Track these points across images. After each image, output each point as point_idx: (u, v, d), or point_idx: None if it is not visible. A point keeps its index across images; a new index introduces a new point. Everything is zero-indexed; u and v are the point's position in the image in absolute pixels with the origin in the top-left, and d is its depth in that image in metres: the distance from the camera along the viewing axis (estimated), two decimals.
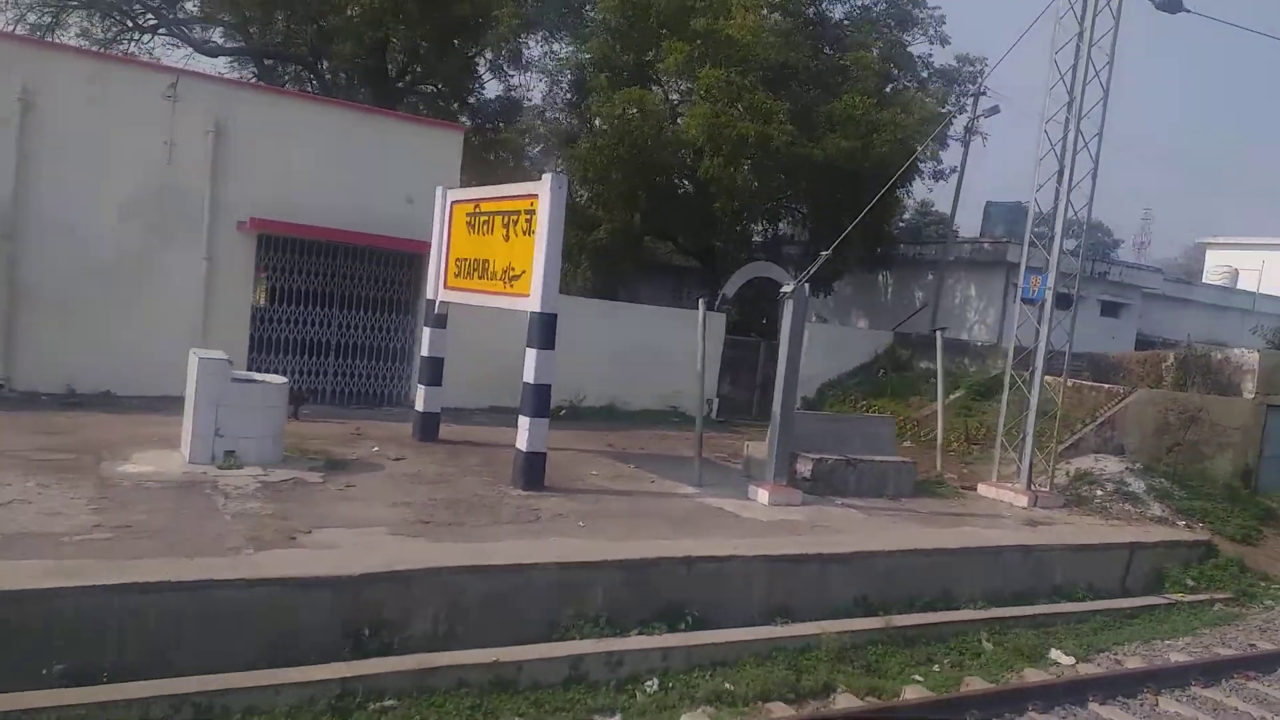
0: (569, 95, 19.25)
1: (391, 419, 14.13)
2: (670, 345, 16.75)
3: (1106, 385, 16.92)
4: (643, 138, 17.09)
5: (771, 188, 18.02)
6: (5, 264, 12.64)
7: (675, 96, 19.22)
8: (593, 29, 18.64)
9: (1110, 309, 27.21)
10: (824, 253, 11.89)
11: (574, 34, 19.16)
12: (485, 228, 11.55)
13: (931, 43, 21.03)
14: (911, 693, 7.43)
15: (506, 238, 11.06)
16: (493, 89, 23.29)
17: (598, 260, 19.74)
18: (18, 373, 12.79)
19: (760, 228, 22.56)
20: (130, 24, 23.96)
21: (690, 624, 8.29)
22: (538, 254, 10.30)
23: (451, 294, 12.47)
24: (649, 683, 7.34)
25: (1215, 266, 38.80)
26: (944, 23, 20.24)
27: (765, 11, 17.24)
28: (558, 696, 6.95)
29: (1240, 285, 36.39)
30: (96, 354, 13.14)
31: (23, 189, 12.60)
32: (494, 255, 11.33)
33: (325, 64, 22.51)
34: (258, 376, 10.48)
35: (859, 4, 20.90)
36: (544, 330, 10.31)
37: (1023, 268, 14.34)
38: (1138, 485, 14.24)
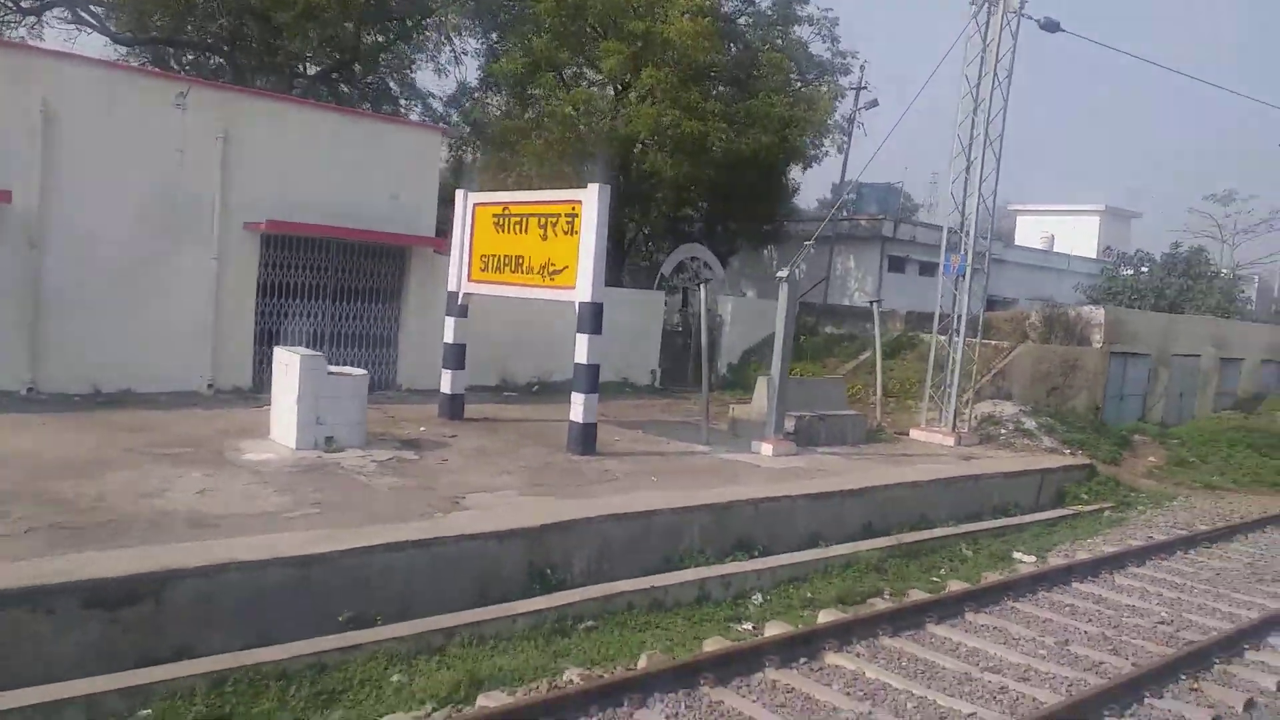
0: (520, 90, 20.56)
1: (402, 401, 15.38)
2: (617, 323, 18.58)
3: (994, 341, 20.09)
4: (591, 135, 18.75)
5: (702, 178, 20.10)
6: (31, 271, 13.00)
7: (612, 91, 20.82)
8: (532, 28, 19.99)
9: (973, 274, 31.04)
10: (807, 244, 14.08)
11: (516, 32, 20.40)
12: (518, 228, 13.04)
13: (824, 41, 23.61)
14: (955, 585, 9.77)
15: (545, 237, 12.61)
16: (427, 79, 24.14)
17: None
18: (45, 375, 13.20)
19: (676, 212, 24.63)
20: (11, 4, 23.18)
21: (760, 552, 10.37)
22: (584, 252, 11.97)
23: (476, 286, 13.88)
24: (755, 597, 9.35)
25: (1039, 234, 43.89)
26: (837, 24, 22.85)
27: (698, 16, 19.11)
28: (696, 611, 8.81)
29: (1056, 248, 41.72)
30: (116, 353, 13.69)
31: (46, 198, 12.95)
32: (529, 252, 12.85)
33: (238, 51, 22.63)
34: (343, 370, 11.63)
35: (759, 6, 23.21)
36: (593, 318, 12.02)
37: (943, 248, 17.07)
38: (1030, 423, 17.44)
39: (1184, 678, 7.42)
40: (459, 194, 14.15)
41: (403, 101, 25.94)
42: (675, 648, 7.61)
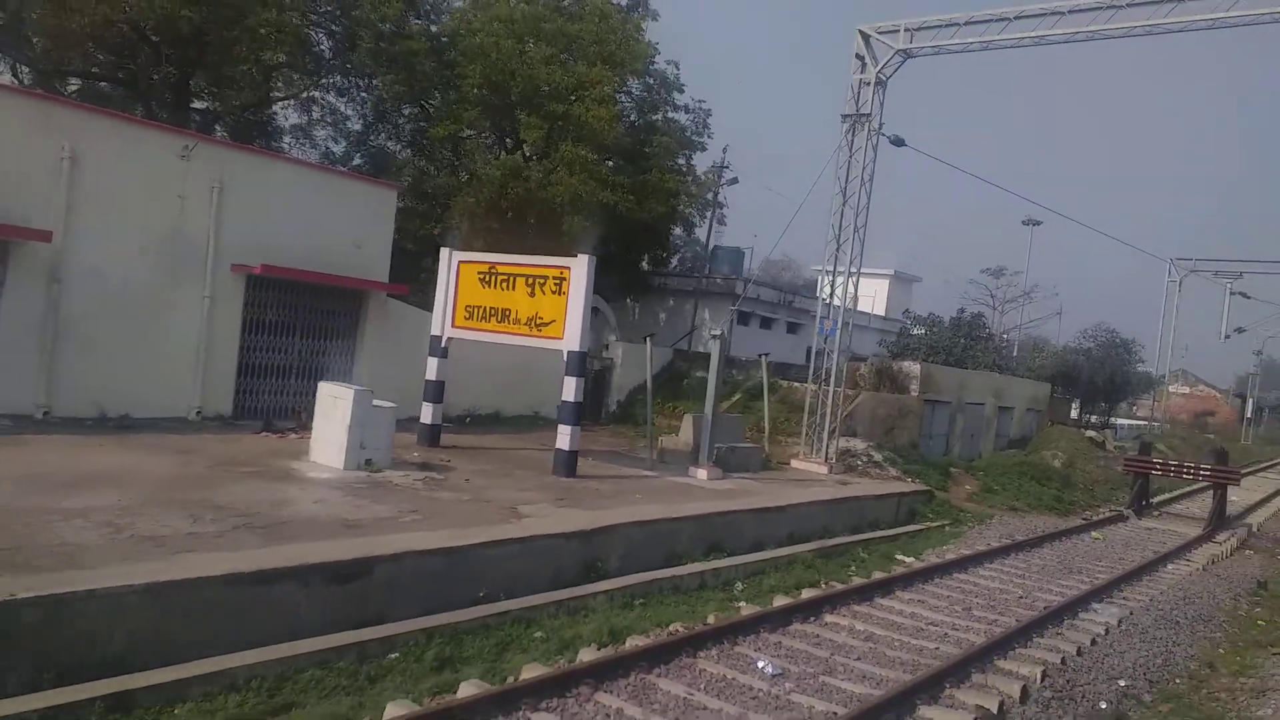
0: (449, 155, 22.48)
1: None
2: (533, 364, 20.95)
3: (843, 389, 24.04)
4: (518, 198, 21.13)
5: (610, 240, 22.91)
6: (51, 304, 13.91)
7: (534, 159, 23.29)
8: (459, 99, 22.20)
9: (792, 328, 35.60)
10: (733, 308, 17.18)
11: (445, 100, 22.47)
12: (505, 284, 15.34)
13: (695, 123, 27.16)
14: (844, 585, 12.90)
15: (532, 294, 15.01)
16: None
17: None
18: (59, 400, 14.07)
19: None
20: None
21: (727, 553, 13.21)
22: (572, 310, 14.49)
23: (460, 332, 15.98)
24: (737, 585, 12.16)
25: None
26: (710, 114, 26.46)
27: (607, 104, 22.01)
28: (698, 595, 11.50)
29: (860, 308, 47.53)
30: (119, 381, 14.71)
31: (68, 237, 13.94)
32: (517, 306, 15.19)
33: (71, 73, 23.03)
34: (381, 403, 13.46)
35: (647, 95, 26.47)
36: (579, 363, 14.54)
37: (818, 315, 20.74)
38: (879, 456, 21.37)
39: (1050, 626, 10.95)
40: (444, 251, 16.23)
41: (292, 143, 27.09)
42: (696, 617, 10.20)
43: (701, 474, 16.25)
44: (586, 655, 8.15)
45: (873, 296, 51.67)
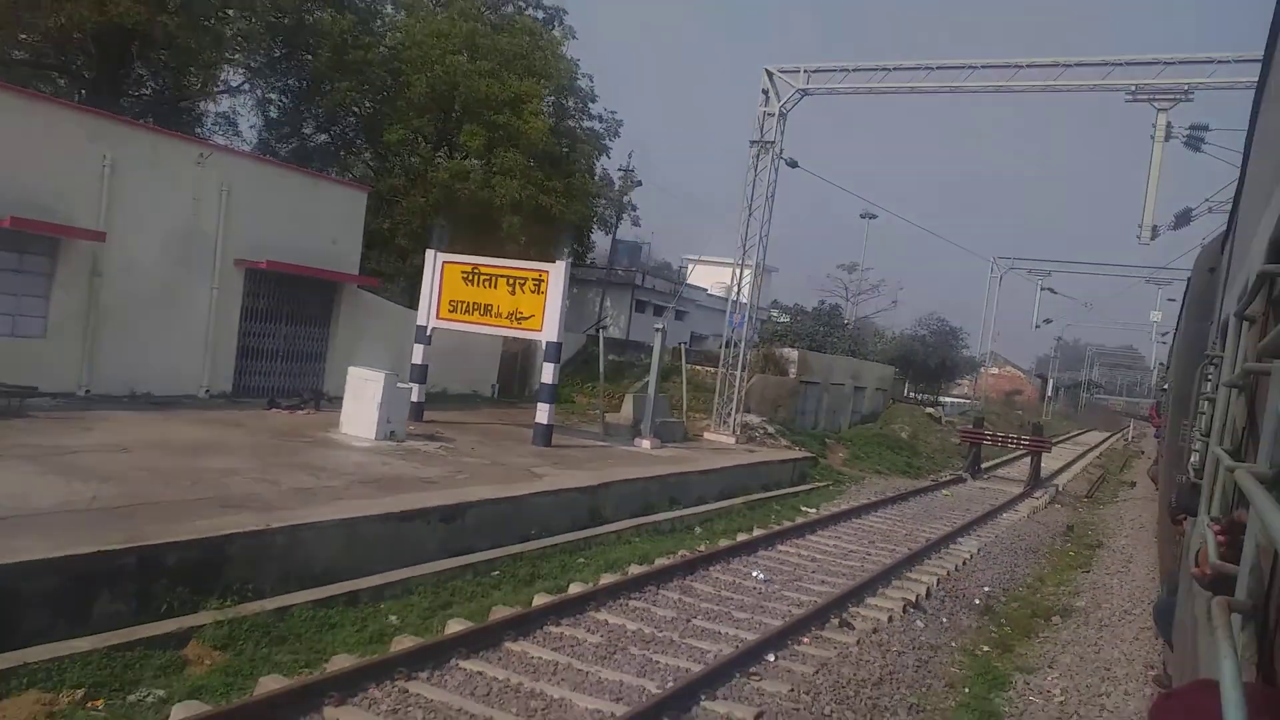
0: (404, 158, 24.37)
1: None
2: (472, 349, 23.47)
3: (739, 371, 27.65)
4: (464, 199, 23.41)
5: (544, 239, 25.51)
6: (92, 295, 15.49)
7: (476, 164, 25.49)
8: (407, 106, 24.24)
9: (680, 315, 39.11)
10: (669, 306, 20.28)
11: (392, 106, 24.41)
12: (487, 284, 17.87)
13: (608, 130, 30.04)
14: (777, 527, 16.44)
15: (513, 292, 17.63)
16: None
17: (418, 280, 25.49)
18: (97, 380, 15.65)
19: None
20: None
21: (682, 504, 16.39)
22: (550, 307, 17.23)
23: (444, 323, 18.38)
24: (696, 528, 15.38)
25: (713, 280, 53.60)
26: (622, 124, 29.42)
27: (541, 115, 24.54)
28: (671, 535, 14.63)
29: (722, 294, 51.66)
30: (145, 362, 16.39)
31: (108, 234, 15.55)
32: (498, 302, 17.76)
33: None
34: (403, 384, 15.77)
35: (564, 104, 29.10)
36: (556, 351, 17.31)
37: (729, 311, 24.14)
38: (772, 429, 25.09)
39: (933, 553, 14.73)
40: (429, 253, 18.56)
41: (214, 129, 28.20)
42: (683, 549, 13.32)
43: (645, 444, 19.36)
44: (637, 569, 11.15)
45: (722, 283, 55.89)
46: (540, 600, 9.36)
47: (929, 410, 41.17)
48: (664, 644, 8.59)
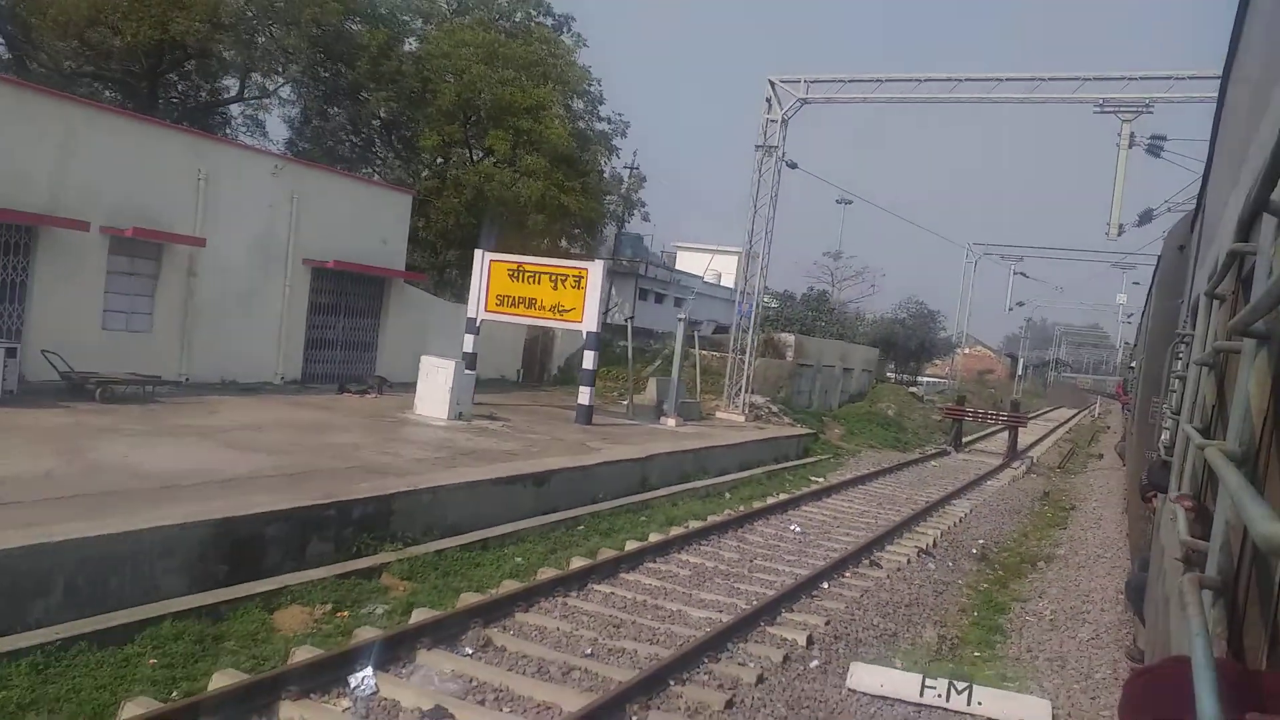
0: (438, 161, 26.16)
1: (398, 393, 21.15)
2: (502, 337, 25.35)
3: (748, 355, 29.79)
4: (494, 198, 25.30)
5: (566, 234, 27.46)
6: (188, 292, 17.32)
7: (504, 166, 27.34)
8: (438, 114, 26.05)
9: (678, 302, 41.20)
10: (692, 294, 22.33)
11: (424, 114, 26.21)
12: (531, 280, 19.82)
13: (615, 131, 31.97)
14: (796, 492, 18.66)
15: (555, 287, 19.59)
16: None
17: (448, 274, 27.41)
18: (193, 369, 17.50)
19: None
20: None
21: (710, 474, 18.51)
22: (589, 301, 19.22)
23: (492, 315, 20.31)
24: (727, 494, 17.51)
25: (705, 268, 55.81)
26: (629, 125, 31.34)
27: (563, 120, 26.42)
28: (707, 500, 16.76)
29: (713, 281, 53.81)
30: (230, 352, 18.25)
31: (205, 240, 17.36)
32: (542, 296, 19.72)
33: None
34: (468, 371, 17.72)
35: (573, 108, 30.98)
36: (595, 341, 19.32)
37: (738, 301, 26.22)
38: (776, 409, 27.27)
39: (932, 513, 16.97)
40: (478, 252, 20.45)
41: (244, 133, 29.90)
42: (717, 513, 15.47)
43: (671, 422, 21.46)
44: (695, 524, 13.27)
45: (720, 272, 58.07)
46: (632, 545, 11.45)
47: (912, 390, 43.56)
48: (738, 576, 10.73)
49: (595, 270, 19.23)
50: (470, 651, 7.30)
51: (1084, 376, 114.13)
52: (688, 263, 60.06)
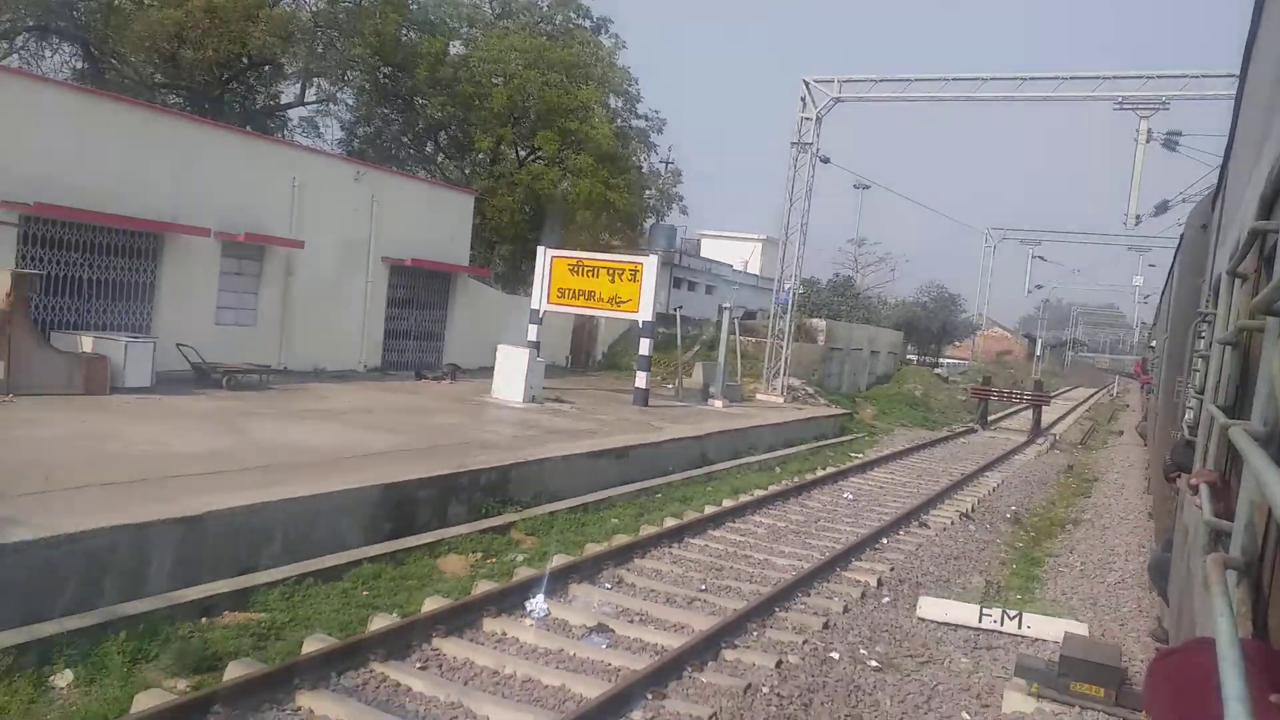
0: (489, 160, 27.76)
1: (469, 379, 22.74)
2: (554, 324, 26.75)
3: (787, 340, 31.21)
4: (546, 196, 26.82)
5: (610, 229, 28.97)
6: (285, 290, 18.93)
7: (550, 163, 28.86)
8: (489, 117, 27.60)
9: (709, 289, 42.62)
10: (736, 284, 23.78)
11: (477, 118, 27.77)
12: (590, 274, 21.30)
13: (652, 128, 33.39)
14: (841, 466, 20.12)
15: (612, 280, 21.07)
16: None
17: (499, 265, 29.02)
18: (289, 358, 19.13)
19: None
20: None
21: (759, 450, 20.00)
22: (645, 292, 20.68)
23: (553, 307, 21.83)
24: (777, 468, 19.00)
25: (737, 257, 57.12)
26: (665, 122, 32.76)
27: (608, 122, 27.87)
28: (761, 473, 18.26)
29: (743, 269, 55.12)
30: (319, 343, 19.86)
31: (296, 240, 18.96)
32: (600, 289, 21.20)
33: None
34: (539, 358, 19.26)
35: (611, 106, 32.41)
36: (650, 329, 20.82)
37: (776, 284, 27.64)
38: (811, 390, 28.72)
39: (967, 483, 18.41)
40: (540, 249, 21.94)
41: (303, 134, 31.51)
42: (775, 483, 16.96)
43: (718, 404, 22.96)
44: (758, 492, 14.78)
45: (747, 258, 59.40)
46: (710, 510, 12.98)
47: (937, 371, 44.85)
48: (808, 534, 12.25)
49: (650, 264, 20.70)
50: (609, 586, 8.86)
51: (1102, 356, 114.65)
52: (712, 250, 61.39)
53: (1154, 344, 23.11)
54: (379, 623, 7.07)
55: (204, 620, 7.02)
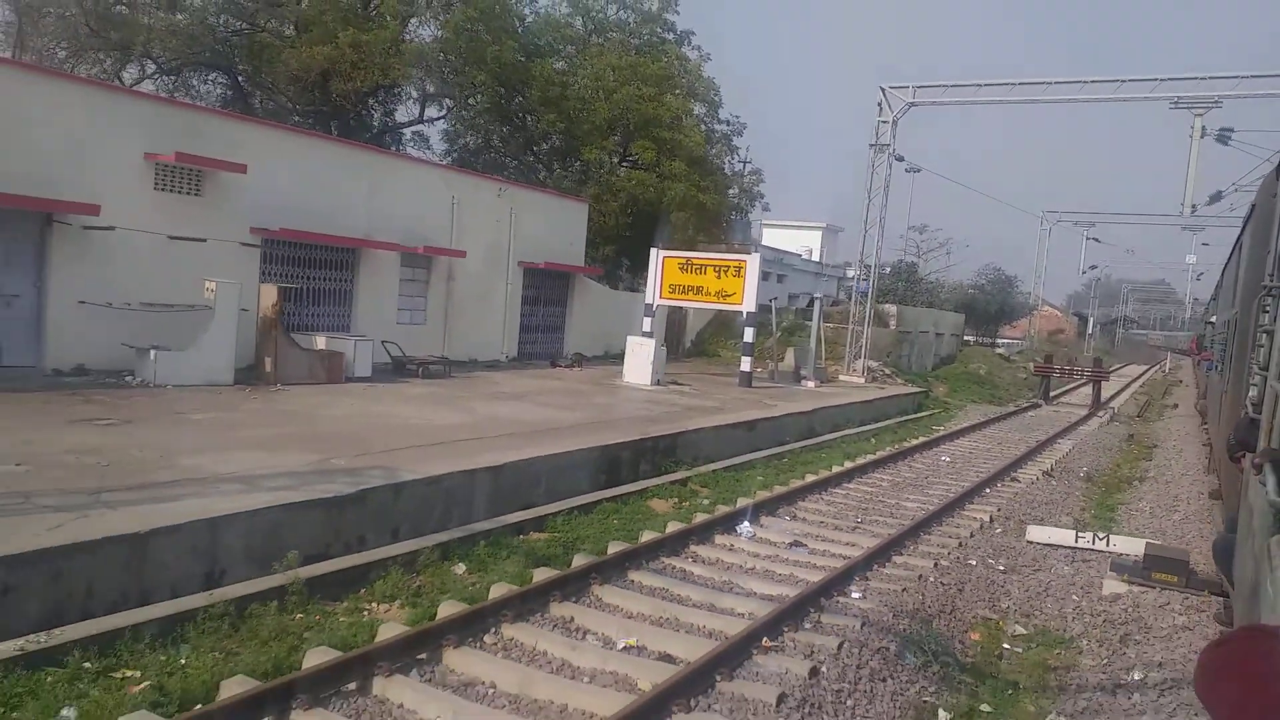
0: (592, 171, 30.65)
1: (593, 366, 25.47)
2: (633, 313, 29.41)
3: (868, 326, 33.51)
4: (645, 201, 29.47)
5: (700, 226, 31.56)
6: (449, 293, 21.81)
7: (648, 170, 31.46)
8: (592, 128, 30.28)
9: (780, 278, 44.92)
10: (853, 271, 26.18)
11: (582, 130, 30.51)
12: (698, 271, 23.85)
13: (733, 131, 35.81)
14: (928, 437, 22.45)
15: (718, 276, 23.60)
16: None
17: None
18: (450, 351, 22.01)
19: None
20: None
21: (853, 424, 22.42)
22: (748, 286, 23.18)
23: (666, 301, 24.44)
24: (872, 439, 21.37)
25: (800, 246, 59.36)
26: (745, 126, 35.15)
27: (697, 128, 30.38)
28: (862, 443, 20.65)
29: (803, 256, 57.31)
30: (473, 338, 22.74)
31: (455, 250, 21.81)
32: (707, 284, 23.74)
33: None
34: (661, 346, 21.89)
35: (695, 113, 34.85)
36: (753, 319, 23.33)
37: (857, 274, 29.96)
38: (889, 371, 31.00)
39: (1043, 450, 20.65)
40: (652, 250, 24.54)
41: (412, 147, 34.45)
42: (880, 450, 19.34)
43: (811, 384, 25.42)
44: (869, 456, 17.26)
45: (810, 248, 61.50)
46: (837, 469, 15.52)
47: (999, 350, 46.68)
48: (922, 486, 14.74)
49: (753, 261, 23.21)
50: (788, 518, 11.47)
51: (1154, 333, 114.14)
52: (772, 239, 63.54)
53: (1213, 319, 24.86)
54: (647, 536, 9.75)
55: (520, 537, 9.76)
